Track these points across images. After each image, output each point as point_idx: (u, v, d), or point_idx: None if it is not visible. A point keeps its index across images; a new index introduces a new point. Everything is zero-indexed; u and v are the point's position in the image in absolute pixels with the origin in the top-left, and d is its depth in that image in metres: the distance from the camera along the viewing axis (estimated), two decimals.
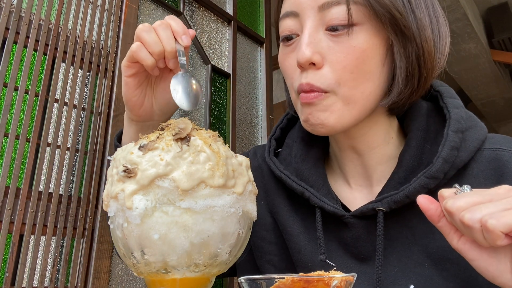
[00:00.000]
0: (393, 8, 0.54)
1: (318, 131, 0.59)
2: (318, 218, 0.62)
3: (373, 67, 0.56)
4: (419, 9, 0.57)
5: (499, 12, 4.35)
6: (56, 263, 1.06)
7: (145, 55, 0.58)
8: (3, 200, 0.97)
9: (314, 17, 0.57)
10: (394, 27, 0.55)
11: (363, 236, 0.60)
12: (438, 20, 0.60)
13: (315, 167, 0.66)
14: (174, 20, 0.59)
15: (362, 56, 0.55)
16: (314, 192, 0.62)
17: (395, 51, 0.56)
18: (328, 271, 0.38)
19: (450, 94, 0.63)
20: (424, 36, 0.57)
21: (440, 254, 0.56)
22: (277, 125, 0.76)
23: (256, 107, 1.94)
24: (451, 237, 0.45)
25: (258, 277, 0.36)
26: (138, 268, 0.46)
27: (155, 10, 1.52)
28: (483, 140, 0.59)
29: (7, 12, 1.06)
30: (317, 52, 0.56)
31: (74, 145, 1.15)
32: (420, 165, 0.59)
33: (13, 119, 1.03)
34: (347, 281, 0.36)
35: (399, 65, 0.56)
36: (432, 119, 0.63)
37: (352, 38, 0.55)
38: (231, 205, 0.46)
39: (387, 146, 0.64)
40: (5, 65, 1.04)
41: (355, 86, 0.56)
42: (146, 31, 0.58)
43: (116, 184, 0.45)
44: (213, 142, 0.47)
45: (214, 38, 1.77)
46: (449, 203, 0.42)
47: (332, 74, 0.56)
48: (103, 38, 1.29)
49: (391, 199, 0.57)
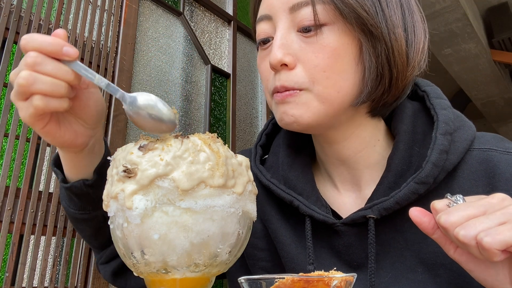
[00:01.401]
0: (359, 8, 0.54)
1: (293, 128, 0.59)
2: (307, 227, 0.61)
3: (346, 66, 0.56)
4: (390, 7, 0.56)
5: (499, 12, 4.35)
6: (56, 263, 1.06)
7: (56, 103, 0.46)
8: (3, 200, 0.97)
9: (286, 19, 0.57)
10: (362, 26, 0.55)
11: (354, 244, 0.59)
12: (413, 17, 0.59)
13: (303, 174, 0.65)
14: (33, 40, 0.45)
15: (333, 54, 0.55)
16: (303, 200, 0.61)
17: (364, 51, 0.56)
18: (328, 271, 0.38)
19: (437, 94, 0.62)
20: (394, 35, 0.56)
21: (433, 260, 0.56)
22: (262, 131, 0.75)
23: (256, 107, 1.94)
24: (447, 248, 0.45)
25: (258, 277, 0.36)
26: (138, 268, 0.46)
27: (155, 10, 1.52)
28: (472, 140, 0.58)
29: (7, 12, 1.06)
30: (289, 53, 0.56)
31: None
32: (409, 168, 0.58)
33: (13, 119, 1.03)
34: (347, 281, 0.36)
35: (368, 65, 0.56)
36: (420, 120, 0.62)
37: (322, 38, 0.55)
38: (231, 205, 0.46)
39: (373, 149, 0.63)
40: (5, 65, 1.04)
41: (330, 85, 0.55)
42: (29, 79, 0.44)
43: (116, 184, 0.45)
44: (212, 142, 0.47)
45: (214, 38, 1.77)
46: (443, 218, 0.41)
47: (304, 73, 0.56)
48: (103, 38, 1.29)
49: (381, 206, 0.56)
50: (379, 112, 0.62)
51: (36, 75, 0.44)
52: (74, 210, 0.65)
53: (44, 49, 0.45)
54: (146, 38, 1.46)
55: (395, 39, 0.56)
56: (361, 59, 0.56)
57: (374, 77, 0.56)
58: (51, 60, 0.45)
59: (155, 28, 1.50)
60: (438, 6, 3.48)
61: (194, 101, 1.60)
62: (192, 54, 1.64)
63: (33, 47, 0.45)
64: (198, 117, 1.60)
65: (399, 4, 0.58)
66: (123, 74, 1.32)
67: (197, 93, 1.63)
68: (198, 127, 1.59)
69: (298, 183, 0.64)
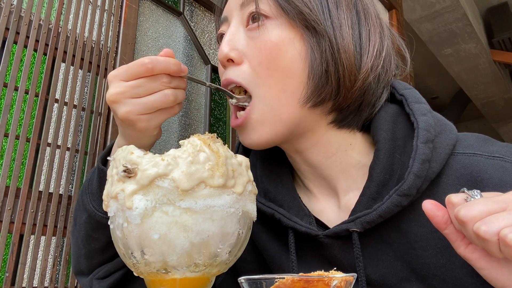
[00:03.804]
0: (302, 5, 0.54)
1: (255, 147, 0.59)
2: (291, 239, 0.60)
3: (290, 62, 0.55)
4: (339, 7, 0.57)
5: (499, 12, 4.35)
6: (56, 263, 1.06)
7: (180, 108, 0.59)
8: (3, 200, 0.97)
9: (237, 16, 0.59)
10: (304, 22, 0.55)
11: (339, 256, 0.58)
12: (367, 20, 0.59)
13: (282, 184, 0.64)
14: (160, 62, 0.55)
15: (275, 50, 0.55)
16: (284, 212, 0.60)
17: (307, 46, 0.56)
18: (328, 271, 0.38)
19: (415, 98, 0.60)
20: (341, 33, 0.56)
21: (425, 271, 0.54)
22: (239, 142, 0.72)
23: None
24: (458, 245, 0.43)
25: (258, 277, 0.36)
26: (138, 268, 0.46)
27: (155, 10, 1.52)
28: (454, 143, 0.56)
29: (7, 12, 1.06)
30: (235, 49, 0.57)
31: (74, 145, 1.15)
32: (391, 177, 0.56)
33: (13, 119, 1.03)
34: (347, 281, 0.36)
35: (312, 60, 0.55)
36: (399, 125, 0.59)
37: (265, 32, 0.56)
38: (231, 205, 0.46)
39: (345, 153, 0.61)
40: (5, 65, 1.04)
41: (274, 83, 0.55)
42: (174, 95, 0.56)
43: (116, 184, 0.45)
44: (212, 142, 0.47)
45: (214, 38, 1.77)
46: (462, 212, 0.39)
47: (250, 69, 0.56)
48: (103, 38, 1.29)
49: (364, 220, 0.54)
50: (345, 123, 0.60)
51: (177, 91, 0.56)
52: (102, 213, 0.62)
53: (171, 70, 0.55)
54: (146, 38, 1.46)
55: (341, 38, 0.55)
56: (307, 55, 0.56)
57: (319, 73, 0.55)
58: (176, 77, 0.56)
59: (155, 28, 1.50)
60: (438, 6, 3.48)
61: (194, 101, 1.60)
62: (192, 54, 1.64)
63: (161, 69, 0.54)
64: (198, 117, 1.60)
65: (353, 7, 0.58)
66: None
67: (197, 93, 1.63)
68: (198, 127, 1.59)
69: (278, 195, 0.63)
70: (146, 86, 0.54)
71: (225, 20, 0.62)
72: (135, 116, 0.55)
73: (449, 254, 0.53)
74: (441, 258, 0.53)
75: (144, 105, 0.54)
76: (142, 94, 0.54)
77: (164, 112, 0.56)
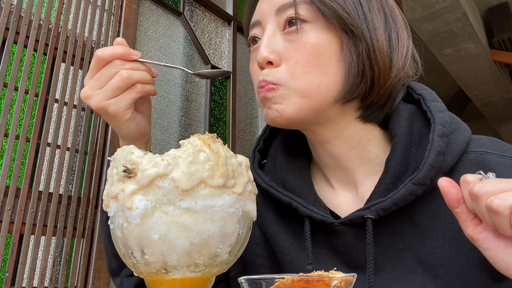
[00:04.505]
0: (341, 9, 0.58)
1: (278, 123, 0.61)
2: (306, 227, 0.62)
3: (327, 62, 0.58)
4: (372, 11, 0.60)
5: (499, 12, 4.35)
6: (56, 263, 1.06)
7: (149, 87, 0.64)
8: (3, 200, 0.97)
9: (273, 21, 0.61)
10: (343, 26, 0.58)
11: (353, 244, 0.60)
12: (396, 24, 0.63)
13: (300, 176, 0.67)
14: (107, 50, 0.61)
15: (313, 51, 0.58)
16: (301, 201, 0.62)
17: (344, 48, 0.59)
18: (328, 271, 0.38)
19: (432, 97, 0.64)
20: (376, 35, 0.59)
21: (432, 261, 0.56)
22: (260, 136, 0.77)
23: (256, 107, 1.94)
24: (467, 225, 0.45)
25: (258, 277, 0.36)
26: (138, 268, 0.46)
27: (155, 10, 1.52)
28: (468, 142, 0.59)
29: (7, 12, 1.06)
30: (274, 52, 0.60)
31: (74, 145, 1.15)
32: (406, 170, 0.59)
33: (13, 119, 1.03)
34: (347, 281, 0.36)
35: (349, 61, 0.59)
36: (416, 123, 0.63)
37: (303, 35, 0.59)
38: (231, 205, 0.46)
39: (364, 147, 0.64)
40: (5, 65, 1.04)
41: (309, 80, 0.58)
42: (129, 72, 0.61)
43: (116, 184, 0.45)
44: (212, 142, 0.47)
45: (214, 38, 1.78)
46: (477, 186, 0.41)
47: (286, 70, 0.59)
48: (103, 38, 1.29)
49: (379, 207, 0.56)
50: (370, 118, 0.64)
51: (131, 72, 0.60)
52: None
53: (119, 54, 0.60)
54: (146, 38, 1.46)
55: (376, 40, 0.59)
56: (342, 56, 0.59)
57: (355, 73, 0.58)
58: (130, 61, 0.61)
59: (155, 28, 1.50)
60: (438, 6, 3.49)
61: (194, 101, 1.60)
62: (192, 54, 1.64)
63: (109, 54, 0.60)
64: (198, 117, 1.60)
65: (382, 10, 0.62)
66: None
67: (197, 93, 1.63)
68: (198, 127, 1.59)
69: (296, 185, 0.65)
70: (104, 74, 0.60)
71: (258, 24, 0.64)
72: (103, 103, 0.61)
73: (457, 246, 0.55)
74: (449, 249, 0.55)
75: (106, 90, 0.61)
76: (105, 83, 0.61)
77: (129, 92, 0.62)
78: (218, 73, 0.70)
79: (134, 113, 0.64)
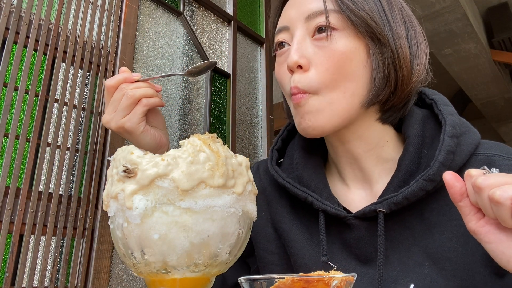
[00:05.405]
0: (369, 19, 0.62)
1: (310, 133, 0.64)
2: (321, 221, 0.65)
3: (354, 69, 0.62)
4: (395, 21, 0.64)
5: (499, 12, 4.35)
6: (56, 263, 1.06)
7: (154, 99, 0.74)
8: (3, 200, 0.97)
9: (302, 27, 0.65)
10: (371, 34, 0.62)
11: (364, 237, 0.63)
12: (415, 32, 0.68)
13: (316, 173, 0.70)
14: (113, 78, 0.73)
15: (343, 58, 0.62)
16: (317, 196, 0.66)
17: (371, 55, 0.63)
18: (328, 271, 0.38)
19: (444, 102, 0.68)
20: (399, 44, 0.63)
21: (439, 254, 0.58)
22: (278, 136, 0.81)
23: (256, 107, 1.94)
24: (469, 219, 0.46)
25: (258, 277, 0.37)
26: (138, 268, 0.46)
27: (155, 10, 1.52)
28: (477, 145, 0.63)
29: (7, 12, 1.06)
30: (304, 56, 0.63)
31: (74, 145, 1.15)
32: (418, 169, 0.62)
33: (13, 119, 1.03)
34: (347, 281, 0.36)
35: (376, 67, 0.63)
36: (428, 126, 0.67)
37: (333, 42, 0.62)
38: (231, 205, 0.46)
39: (382, 148, 0.68)
40: (5, 65, 1.04)
41: (336, 87, 0.62)
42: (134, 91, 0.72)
43: (116, 184, 0.45)
44: (212, 142, 0.47)
45: (214, 38, 1.78)
46: (480, 179, 0.43)
47: (316, 76, 0.62)
48: (103, 38, 1.29)
49: (391, 201, 0.59)
50: (388, 119, 0.68)
51: (135, 90, 0.71)
52: None
53: (123, 79, 0.72)
54: (146, 38, 1.46)
55: (400, 47, 0.63)
56: (368, 62, 0.63)
57: (380, 79, 0.62)
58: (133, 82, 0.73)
59: (155, 28, 1.50)
60: (438, 6, 3.48)
61: (194, 101, 1.60)
62: (192, 54, 1.64)
63: (116, 81, 0.72)
64: (198, 117, 1.60)
65: (403, 19, 0.66)
66: None
67: (197, 93, 1.63)
68: (198, 127, 1.59)
69: (311, 182, 0.69)
70: (115, 99, 0.71)
71: (286, 29, 0.67)
72: (119, 122, 0.71)
73: (464, 241, 0.58)
74: (456, 243, 0.58)
75: (119, 111, 0.71)
76: (117, 106, 0.71)
77: (137, 107, 0.71)
78: (204, 66, 0.77)
79: (147, 126, 0.73)
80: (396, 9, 0.65)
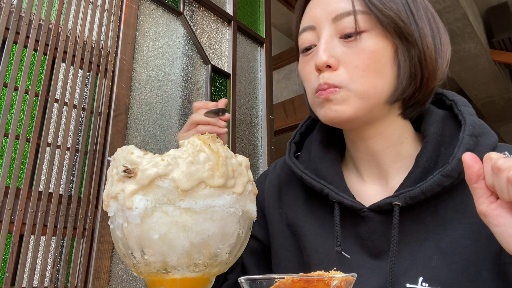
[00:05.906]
0: (397, 18, 0.63)
1: (335, 123, 0.66)
2: (336, 212, 0.66)
3: (383, 66, 0.63)
4: (421, 20, 0.65)
5: (499, 12, 4.35)
6: (56, 263, 1.06)
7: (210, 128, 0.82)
8: (3, 200, 0.97)
9: (329, 28, 0.65)
10: (399, 33, 0.63)
11: (378, 230, 0.63)
12: (439, 30, 0.68)
13: (332, 167, 0.72)
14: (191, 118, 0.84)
15: (372, 56, 0.63)
16: (333, 188, 0.67)
17: (399, 53, 0.64)
18: (330, 270, 0.38)
19: (464, 103, 0.70)
20: (426, 42, 0.64)
21: (450, 248, 0.59)
22: (297, 130, 0.83)
23: (256, 107, 1.94)
24: (482, 201, 0.47)
25: (258, 277, 0.36)
26: (138, 268, 0.46)
27: (155, 10, 1.52)
28: (494, 146, 0.64)
29: (7, 12, 1.06)
30: (332, 56, 0.64)
31: (74, 145, 1.15)
32: (435, 166, 0.63)
33: (13, 119, 1.03)
34: (347, 281, 0.36)
35: (403, 65, 0.64)
36: (448, 125, 0.68)
37: (362, 42, 0.63)
38: (231, 205, 0.46)
39: (401, 145, 0.69)
40: (5, 65, 1.04)
41: (367, 83, 0.63)
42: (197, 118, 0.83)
43: (116, 184, 0.45)
44: (212, 142, 0.47)
45: (214, 38, 1.78)
46: (501, 161, 0.44)
47: (346, 73, 0.63)
48: (103, 38, 1.29)
49: (407, 195, 0.60)
50: (410, 115, 0.69)
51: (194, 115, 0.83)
52: None
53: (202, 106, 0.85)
54: (146, 38, 1.46)
55: (427, 46, 0.64)
56: (396, 60, 0.64)
57: (407, 76, 0.64)
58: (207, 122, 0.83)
59: (155, 28, 1.50)
60: (438, 6, 3.48)
61: (194, 101, 1.60)
62: (192, 54, 1.64)
63: (195, 107, 0.85)
64: None
65: (427, 18, 0.67)
66: (123, 74, 1.32)
67: (197, 93, 1.63)
68: None
69: (328, 175, 0.71)
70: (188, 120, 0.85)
71: (311, 29, 0.68)
72: (178, 135, 0.85)
73: (475, 238, 0.59)
74: (468, 239, 0.59)
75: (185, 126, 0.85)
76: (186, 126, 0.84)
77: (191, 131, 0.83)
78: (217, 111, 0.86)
79: None
80: (421, 7, 0.66)
